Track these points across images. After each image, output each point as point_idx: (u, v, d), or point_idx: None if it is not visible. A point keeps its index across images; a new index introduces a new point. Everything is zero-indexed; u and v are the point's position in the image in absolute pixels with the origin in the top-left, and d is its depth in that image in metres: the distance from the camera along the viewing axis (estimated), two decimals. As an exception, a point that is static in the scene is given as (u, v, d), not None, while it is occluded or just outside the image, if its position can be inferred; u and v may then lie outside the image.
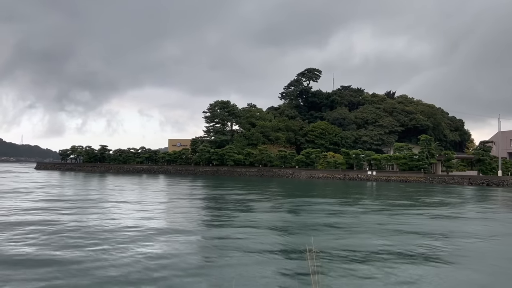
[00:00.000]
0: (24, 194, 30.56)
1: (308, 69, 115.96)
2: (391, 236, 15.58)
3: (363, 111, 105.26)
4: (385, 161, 76.34)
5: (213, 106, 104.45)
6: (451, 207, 28.01)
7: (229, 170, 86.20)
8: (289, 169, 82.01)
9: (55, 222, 17.05)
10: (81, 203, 24.73)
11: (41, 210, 20.93)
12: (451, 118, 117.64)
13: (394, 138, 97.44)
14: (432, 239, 15.11)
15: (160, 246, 13.01)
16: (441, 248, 13.59)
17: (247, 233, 15.48)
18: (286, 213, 22.33)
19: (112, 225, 16.57)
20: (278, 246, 13.27)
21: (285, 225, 17.81)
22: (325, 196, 35.70)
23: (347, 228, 17.34)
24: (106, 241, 13.41)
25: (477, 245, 14.38)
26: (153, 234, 15.00)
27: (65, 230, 15.16)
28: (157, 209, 23.15)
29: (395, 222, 19.65)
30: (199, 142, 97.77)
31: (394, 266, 11.03)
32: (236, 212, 21.97)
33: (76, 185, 44.38)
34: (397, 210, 24.79)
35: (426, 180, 67.38)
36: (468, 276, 10.54)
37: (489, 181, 64.03)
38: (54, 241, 13.34)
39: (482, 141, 76.08)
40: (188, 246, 13.19)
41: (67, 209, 21.68)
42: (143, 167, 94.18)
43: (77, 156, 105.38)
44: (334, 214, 22.19)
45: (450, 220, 21.31)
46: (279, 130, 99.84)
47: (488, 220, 21.88)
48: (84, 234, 14.55)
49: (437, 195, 39.25)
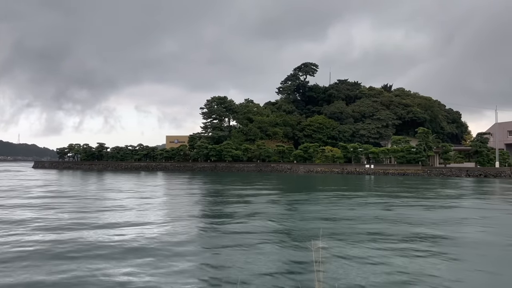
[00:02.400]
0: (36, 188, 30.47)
1: (304, 64, 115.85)
2: (405, 229, 15.61)
3: (360, 104, 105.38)
4: (383, 154, 76.51)
5: (210, 102, 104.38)
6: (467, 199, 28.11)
7: (227, 166, 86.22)
8: (287, 164, 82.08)
9: (53, 219, 16.99)
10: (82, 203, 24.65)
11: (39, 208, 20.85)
12: (448, 110, 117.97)
13: (392, 131, 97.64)
14: (442, 231, 15.14)
15: (161, 245, 12.97)
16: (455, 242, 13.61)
17: (251, 227, 15.46)
18: (288, 207, 22.33)
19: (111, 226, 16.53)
20: (282, 237, 13.25)
21: (288, 218, 17.81)
22: (330, 189, 35.75)
23: (353, 220, 17.36)
24: (107, 237, 13.38)
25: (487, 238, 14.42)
26: (153, 230, 14.96)
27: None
28: (156, 204, 23.10)
29: (402, 215, 19.69)
30: (197, 138, 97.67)
31: (405, 258, 11.04)
32: (236, 207, 21.96)
33: (73, 183, 44.26)
34: (403, 202, 24.88)
35: (424, 172, 67.57)
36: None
37: (487, 173, 64.30)
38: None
39: (479, 133, 76.25)
40: (190, 239, 13.16)
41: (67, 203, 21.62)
42: (141, 164, 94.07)
43: (74, 154, 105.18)
44: (339, 207, 22.22)
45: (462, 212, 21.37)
46: (276, 125, 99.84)
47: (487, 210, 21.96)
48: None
49: (447, 188, 39.36)
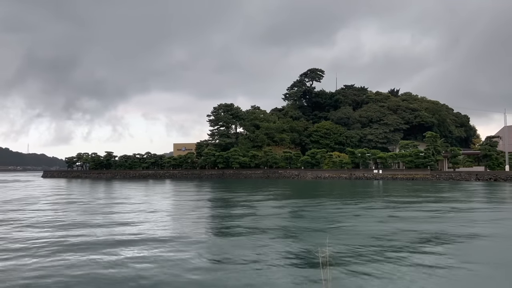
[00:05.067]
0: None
1: (310, 70, 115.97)
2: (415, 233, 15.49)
3: (367, 109, 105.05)
4: (391, 159, 76.09)
5: (217, 110, 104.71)
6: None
7: (234, 173, 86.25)
8: (295, 170, 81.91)
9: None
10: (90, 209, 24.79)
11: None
12: (456, 114, 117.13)
13: (399, 136, 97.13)
14: (453, 237, 15.00)
15: (168, 250, 12.99)
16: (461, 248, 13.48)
17: (259, 235, 15.43)
18: (296, 213, 22.26)
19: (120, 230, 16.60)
20: (290, 244, 13.20)
21: (296, 225, 17.75)
22: (341, 196, 35.59)
23: (362, 227, 17.26)
24: (116, 243, 13.43)
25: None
26: (161, 239, 15.00)
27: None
28: (165, 212, 23.15)
29: (415, 220, 19.55)
30: (204, 146, 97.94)
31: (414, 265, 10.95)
32: (244, 214, 21.94)
33: (83, 192, 44.54)
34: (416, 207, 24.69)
35: (433, 177, 67.04)
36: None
37: (497, 176, 63.62)
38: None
39: (488, 136, 75.62)
40: (197, 250, 13.16)
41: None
42: (149, 172, 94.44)
43: (83, 163, 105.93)
44: (348, 214, 22.11)
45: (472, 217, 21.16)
46: (283, 131, 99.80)
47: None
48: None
49: (459, 193, 38.96)
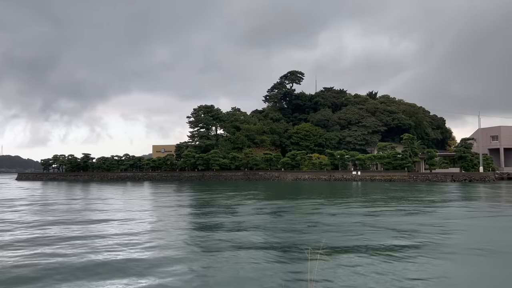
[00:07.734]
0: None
1: (291, 72, 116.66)
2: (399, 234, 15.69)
3: (346, 112, 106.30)
4: (369, 161, 77.14)
5: (197, 111, 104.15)
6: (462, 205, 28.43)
7: (215, 175, 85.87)
8: (275, 172, 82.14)
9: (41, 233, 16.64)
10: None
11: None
12: (432, 116, 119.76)
13: (378, 137, 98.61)
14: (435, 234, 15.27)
15: (151, 253, 12.79)
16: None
17: (243, 236, 15.36)
18: (277, 215, 22.28)
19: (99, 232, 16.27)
20: (275, 245, 13.19)
21: (281, 226, 17.77)
22: (320, 197, 35.82)
23: (349, 227, 17.39)
24: (95, 246, 13.14)
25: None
26: (142, 242, 14.77)
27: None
28: (144, 216, 22.82)
29: (392, 220, 19.82)
30: (184, 148, 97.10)
31: (401, 262, 11.08)
32: (226, 216, 21.83)
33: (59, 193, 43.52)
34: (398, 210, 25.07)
35: (410, 178, 68.30)
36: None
37: (471, 178, 65.36)
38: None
39: (463, 139, 77.51)
40: (178, 256, 13.00)
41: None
42: (127, 174, 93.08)
43: (59, 165, 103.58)
44: (329, 214, 22.26)
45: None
46: (264, 133, 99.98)
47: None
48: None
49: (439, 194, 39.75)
